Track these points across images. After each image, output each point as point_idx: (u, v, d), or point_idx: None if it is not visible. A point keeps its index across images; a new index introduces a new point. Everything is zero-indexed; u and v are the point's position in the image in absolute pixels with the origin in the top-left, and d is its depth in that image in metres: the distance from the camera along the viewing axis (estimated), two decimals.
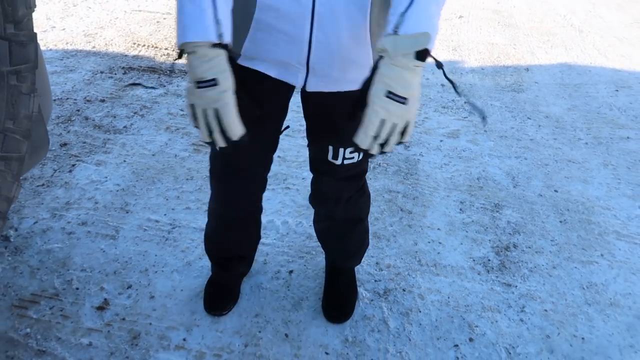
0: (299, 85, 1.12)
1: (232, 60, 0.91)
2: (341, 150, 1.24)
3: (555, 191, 2.25)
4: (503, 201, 2.17)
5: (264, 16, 1.02)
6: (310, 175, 1.41)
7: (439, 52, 3.66)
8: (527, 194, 2.22)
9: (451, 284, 1.75)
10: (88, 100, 2.67)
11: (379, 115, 0.86)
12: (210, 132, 0.89)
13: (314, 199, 1.47)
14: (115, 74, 2.97)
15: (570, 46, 3.92)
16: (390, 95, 0.86)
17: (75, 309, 1.56)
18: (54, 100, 2.64)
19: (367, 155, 0.91)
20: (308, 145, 1.35)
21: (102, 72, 2.97)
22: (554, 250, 1.92)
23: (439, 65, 0.93)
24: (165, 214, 1.96)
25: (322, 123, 1.24)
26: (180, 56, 0.91)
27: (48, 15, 3.77)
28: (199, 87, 0.87)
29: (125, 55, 3.21)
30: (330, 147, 1.24)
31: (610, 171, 2.41)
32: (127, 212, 1.95)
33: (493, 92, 3.11)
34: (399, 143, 0.90)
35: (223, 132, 0.89)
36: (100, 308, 1.57)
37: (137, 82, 2.89)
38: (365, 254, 1.72)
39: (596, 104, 3.05)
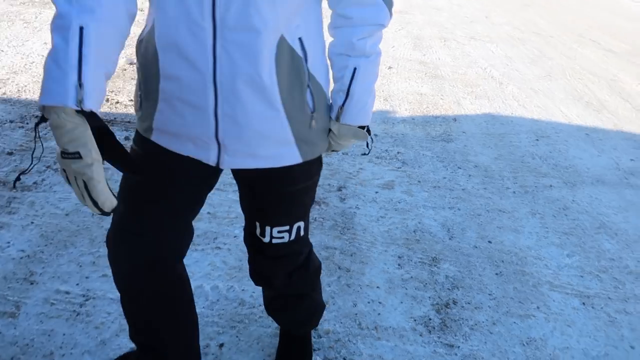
0: (212, 162, 1.02)
1: (102, 130, 0.87)
2: (268, 228, 1.13)
3: (489, 242, 2.27)
4: (440, 254, 2.14)
5: (168, 86, 0.94)
6: (243, 234, 1.29)
7: None
8: (463, 246, 2.22)
9: (393, 349, 1.66)
10: None
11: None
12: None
13: (252, 275, 1.35)
14: (27, 123, 2.72)
15: (492, 97, 4.13)
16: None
17: None
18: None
19: (300, 238, 0.83)
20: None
21: (11, 122, 2.71)
22: (493, 305, 1.90)
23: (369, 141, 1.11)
24: (77, 284, 1.74)
25: (249, 198, 1.14)
26: (42, 120, 0.85)
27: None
28: (63, 158, 0.84)
29: None
30: (257, 224, 1.14)
31: (538, 220, 2.48)
32: (31, 284, 1.72)
33: (424, 142, 3.16)
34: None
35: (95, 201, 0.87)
36: None
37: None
38: None
39: (520, 153, 3.18)
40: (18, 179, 1.00)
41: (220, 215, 2.19)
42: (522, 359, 1.68)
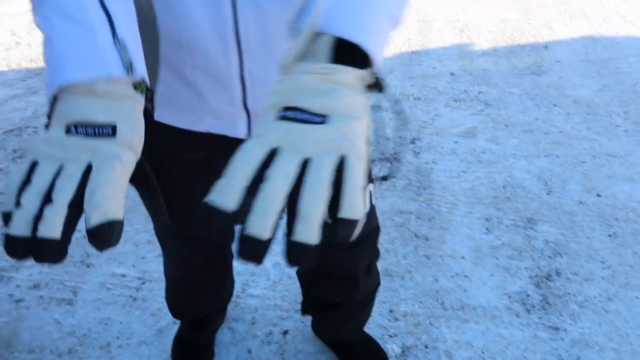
0: (242, 135, 0.79)
1: (147, 114, 0.51)
2: None
3: (598, 195, 1.89)
4: (537, 214, 1.81)
5: (172, 51, 0.68)
6: None
7: (445, 35, 3.28)
8: (565, 203, 1.86)
9: (484, 333, 1.41)
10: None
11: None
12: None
13: (315, 285, 1.14)
14: None
15: (591, 15, 3.50)
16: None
17: None
18: (11, 130, 2.33)
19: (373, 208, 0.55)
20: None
21: None
22: (607, 276, 1.57)
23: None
24: (133, 265, 1.64)
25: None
26: (51, 117, 0.48)
27: (13, 30, 3.45)
28: (69, 134, 0.44)
29: None
30: None
31: None
32: (88, 267, 1.64)
33: (510, 77, 2.72)
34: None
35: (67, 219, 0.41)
36: None
37: None
38: (376, 298, 1.38)
39: (630, 81, 2.66)
40: None
41: None
42: None
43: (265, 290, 1.55)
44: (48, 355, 1.37)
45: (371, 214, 0.98)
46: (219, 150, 0.78)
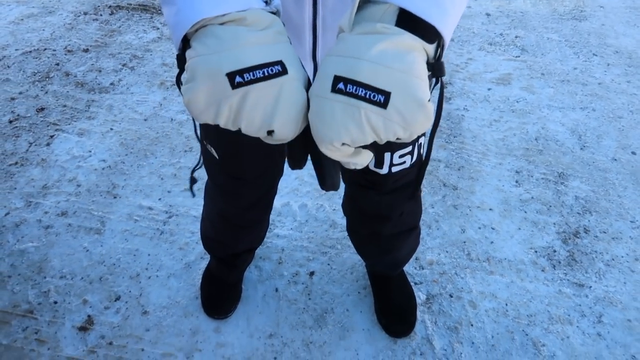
0: None
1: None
2: (387, 155, 0.86)
3: (633, 153, 1.83)
4: (569, 169, 1.77)
5: None
6: None
7: None
8: (598, 158, 1.81)
9: (509, 286, 1.42)
10: (69, 51, 2.27)
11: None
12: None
13: (351, 215, 1.13)
14: (101, 15, 2.53)
15: None
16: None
17: (53, 330, 1.29)
18: (29, 52, 2.26)
19: (420, 157, 0.55)
20: None
21: (85, 14, 2.54)
22: (636, 236, 1.56)
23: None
24: (160, 199, 1.64)
25: None
26: (182, 61, 0.50)
27: None
28: (239, 84, 0.46)
29: None
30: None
31: None
32: (114, 198, 1.64)
33: (549, 22, 2.58)
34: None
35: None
36: (83, 329, 1.30)
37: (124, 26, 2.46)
38: None
39: None
40: (193, 181, 0.88)
41: None
42: None
43: (291, 231, 1.55)
44: (79, 282, 1.40)
45: (419, 163, 0.95)
46: None
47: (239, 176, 0.97)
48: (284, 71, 0.47)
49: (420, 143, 0.93)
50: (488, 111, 2.01)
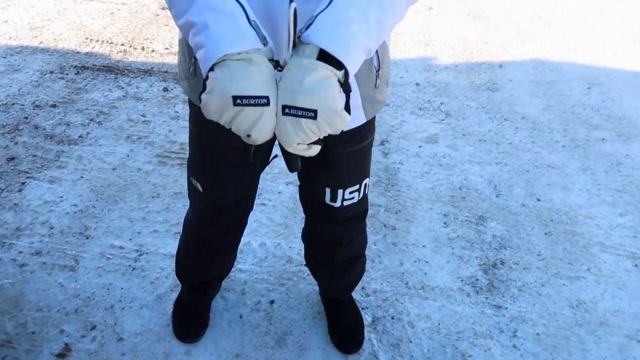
0: None
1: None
2: (340, 192, 1.11)
3: (538, 200, 2.21)
4: (487, 213, 2.10)
5: None
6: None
7: (411, 47, 3.57)
8: (511, 204, 2.17)
9: (441, 309, 1.67)
10: (37, 106, 2.42)
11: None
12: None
13: (310, 243, 1.35)
14: (67, 74, 2.71)
15: (540, 40, 3.89)
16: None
17: (31, 357, 1.39)
18: None
19: (366, 195, 0.79)
20: (299, 186, 1.22)
21: (51, 72, 2.70)
22: (541, 266, 1.88)
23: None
24: (130, 239, 1.78)
25: (317, 161, 1.11)
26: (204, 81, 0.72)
27: None
28: (237, 104, 0.70)
29: (77, 52, 2.95)
30: (327, 190, 1.12)
31: (589, 176, 2.39)
32: (87, 238, 1.77)
33: (468, 92, 3.04)
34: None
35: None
36: (61, 355, 1.40)
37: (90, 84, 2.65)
38: None
39: (570, 103, 3.03)
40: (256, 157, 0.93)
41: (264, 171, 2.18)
42: (571, 321, 1.67)
43: (252, 266, 1.74)
44: (56, 314, 1.50)
45: (364, 200, 1.21)
46: None
47: (219, 205, 1.18)
48: (267, 103, 0.71)
49: (366, 183, 1.19)
50: (419, 165, 2.34)
